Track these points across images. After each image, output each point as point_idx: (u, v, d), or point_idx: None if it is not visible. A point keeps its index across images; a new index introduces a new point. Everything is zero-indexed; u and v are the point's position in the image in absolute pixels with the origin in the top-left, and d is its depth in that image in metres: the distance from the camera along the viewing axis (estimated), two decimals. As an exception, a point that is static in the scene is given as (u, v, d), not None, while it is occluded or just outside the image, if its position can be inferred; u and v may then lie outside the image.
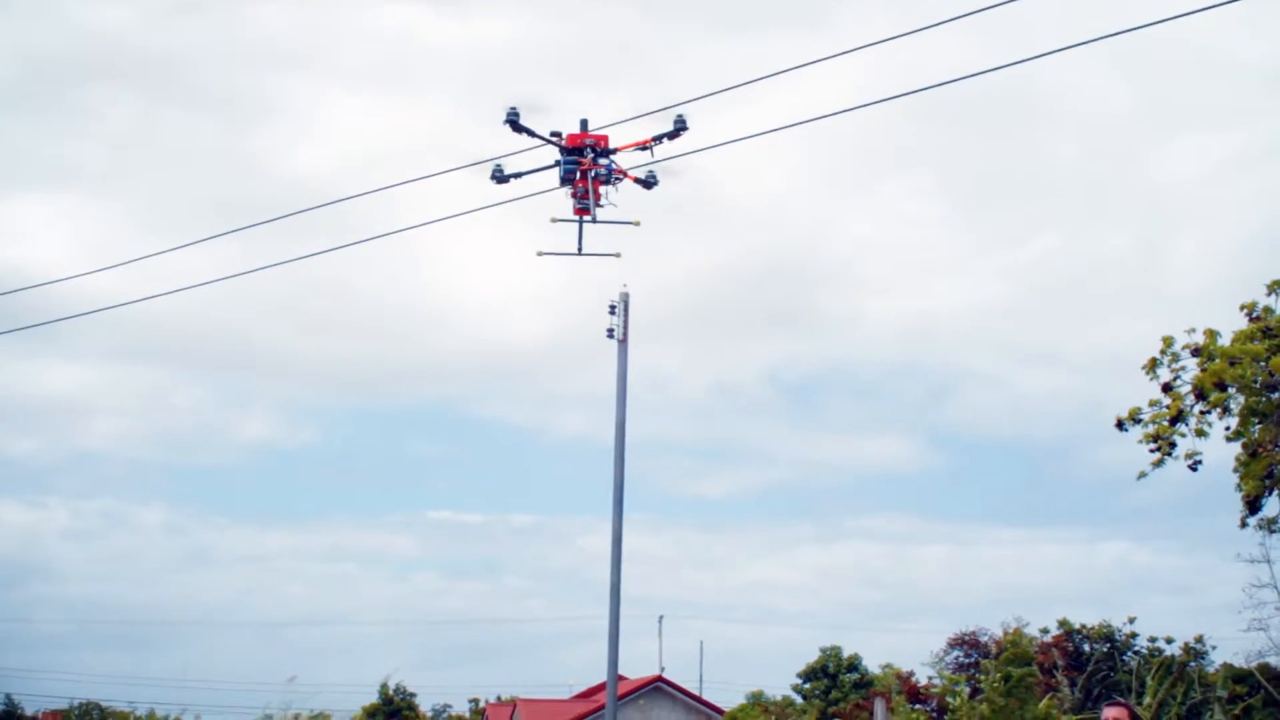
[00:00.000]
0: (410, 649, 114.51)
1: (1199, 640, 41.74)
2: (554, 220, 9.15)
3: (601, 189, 6.17)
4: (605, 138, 6.14)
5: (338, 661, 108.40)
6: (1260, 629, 45.35)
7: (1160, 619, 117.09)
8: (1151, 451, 16.90)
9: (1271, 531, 17.70)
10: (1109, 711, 10.18)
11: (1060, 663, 38.17)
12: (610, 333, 12.63)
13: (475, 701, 63.18)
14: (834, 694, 46.85)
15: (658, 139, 6.27)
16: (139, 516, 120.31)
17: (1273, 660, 40.37)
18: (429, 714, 65.80)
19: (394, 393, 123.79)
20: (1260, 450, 16.78)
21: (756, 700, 48.48)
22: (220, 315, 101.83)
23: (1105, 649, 42.80)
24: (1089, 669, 40.02)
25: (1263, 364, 16.05)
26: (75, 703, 64.23)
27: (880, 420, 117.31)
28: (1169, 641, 41.58)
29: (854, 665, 49.35)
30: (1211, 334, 16.95)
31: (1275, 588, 46.24)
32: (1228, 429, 17.24)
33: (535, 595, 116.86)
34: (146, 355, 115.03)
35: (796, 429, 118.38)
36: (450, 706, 71.10)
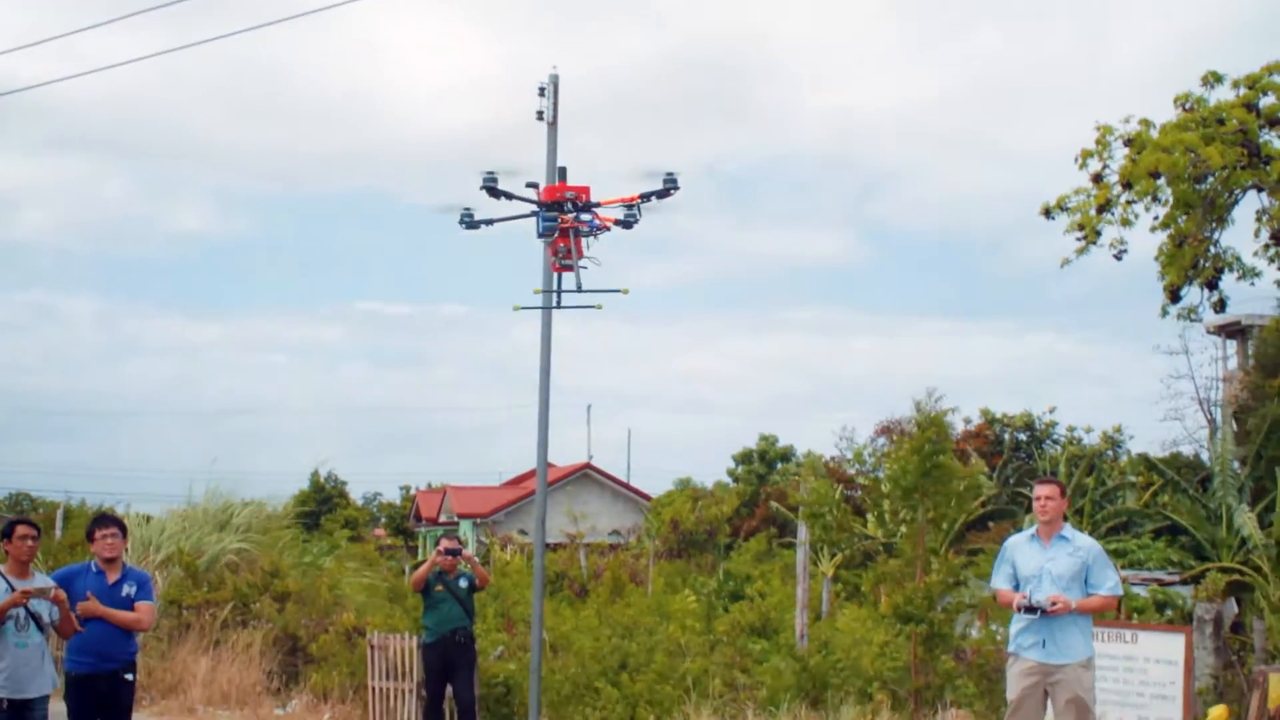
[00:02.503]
0: (340, 438, 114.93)
1: (1117, 430, 42.68)
2: (518, 308, 8.34)
3: (584, 244, 5.80)
4: (587, 190, 5.78)
5: (268, 451, 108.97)
6: (1176, 419, 46.22)
7: (1081, 409, 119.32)
8: (1077, 240, 16.98)
9: (1191, 321, 17.92)
10: (1041, 489, 10.32)
11: (976, 452, 38.99)
12: (540, 115, 12.34)
13: (406, 489, 63.77)
14: (772, 477, 47.71)
15: (645, 197, 5.85)
16: (68, 308, 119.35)
17: (1185, 449, 41.36)
18: (359, 501, 66.40)
19: (326, 182, 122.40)
20: (1186, 241, 16.90)
21: (684, 485, 49.23)
22: (151, 103, 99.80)
23: (1025, 438, 43.67)
24: (1007, 457, 40.91)
25: (1194, 155, 16.06)
26: (5, 493, 64.27)
27: (814, 214, 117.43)
28: (1088, 431, 42.49)
29: (787, 455, 50.15)
30: (1145, 124, 16.91)
31: (1192, 378, 47.09)
32: (1155, 219, 17.34)
33: (464, 386, 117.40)
34: (75, 145, 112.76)
35: (731, 221, 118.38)
36: (380, 494, 71.77)
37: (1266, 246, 16.93)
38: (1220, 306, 17.75)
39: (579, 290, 5.27)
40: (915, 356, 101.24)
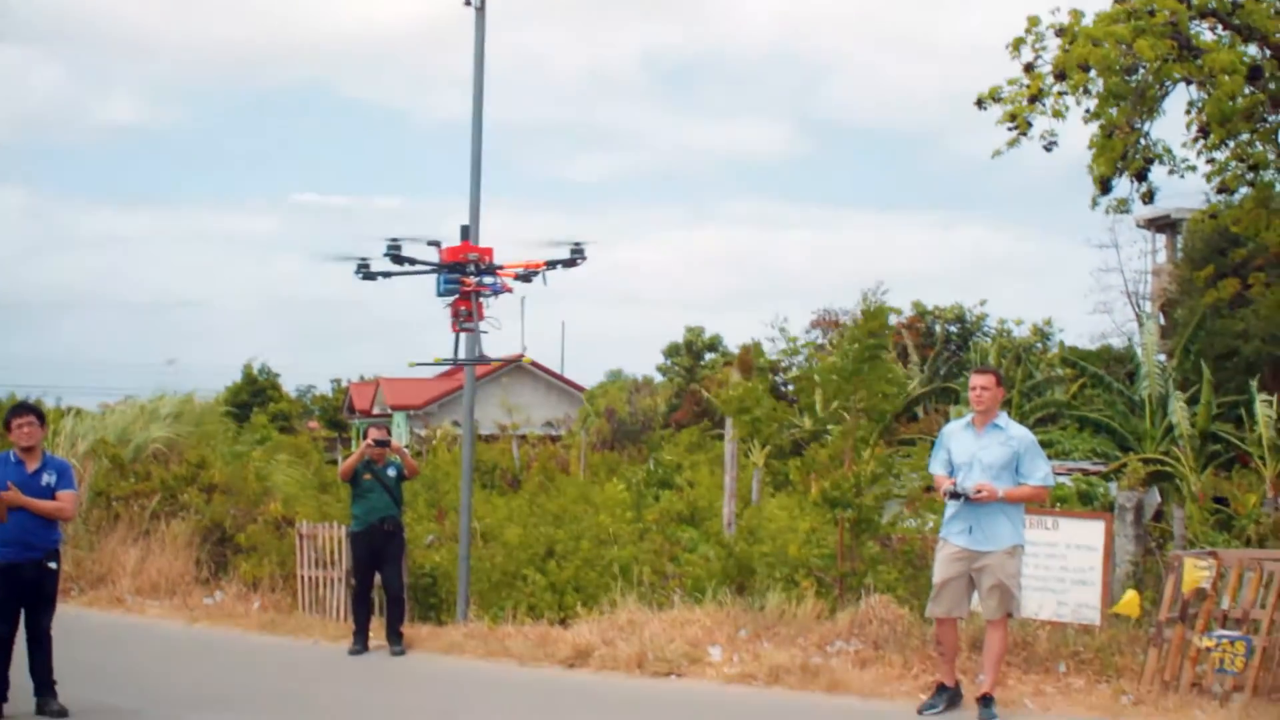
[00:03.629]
0: (273, 331, 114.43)
1: (1047, 323, 43.02)
2: (413, 364, 7.80)
3: (485, 305, 5.52)
4: (490, 251, 5.50)
5: (201, 344, 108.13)
6: (1104, 312, 46.69)
7: (1011, 303, 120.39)
8: (1009, 131, 16.92)
9: (1121, 213, 17.95)
10: (977, 378, 10.37)
11: (911, 344, 39.26)
12: (467, 0, 12.16)
13: (338, 381, 63.46)
14: (700, 370, 47.78)
15: (551, 265, 5.59)
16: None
17: (1114, 342, 41.83)
18: (293, 394, 66.05)
19: (261, 74, 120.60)
20: (1116, 132, 16.89)
21: (616, 378, 49.35)
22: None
23: (956, 330, 43.97)
24: (938, 349, 41.20)
25: (1126, 46, 16.00)
26: (-68, 387, 63.44)
27: (752, 107, 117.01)
28: (1018, 324, 42.79)
29: (715, 345, 50.24)
30: (1076, 15, 16.79)
31: (1121, 272, 47.42)
32: (1087, 111, 17.29)
33: (400, 280, 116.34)
34: (4, 35, 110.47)
35: (669, 114, 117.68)
36: (314, 387, 71.41)
37: (1195, 139, 16.93)
38: (1149, 198, 17.76)
39: (480, 359, 5.07)
40: (849, 250, 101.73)
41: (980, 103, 17.22)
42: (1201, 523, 18.67)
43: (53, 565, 10.34)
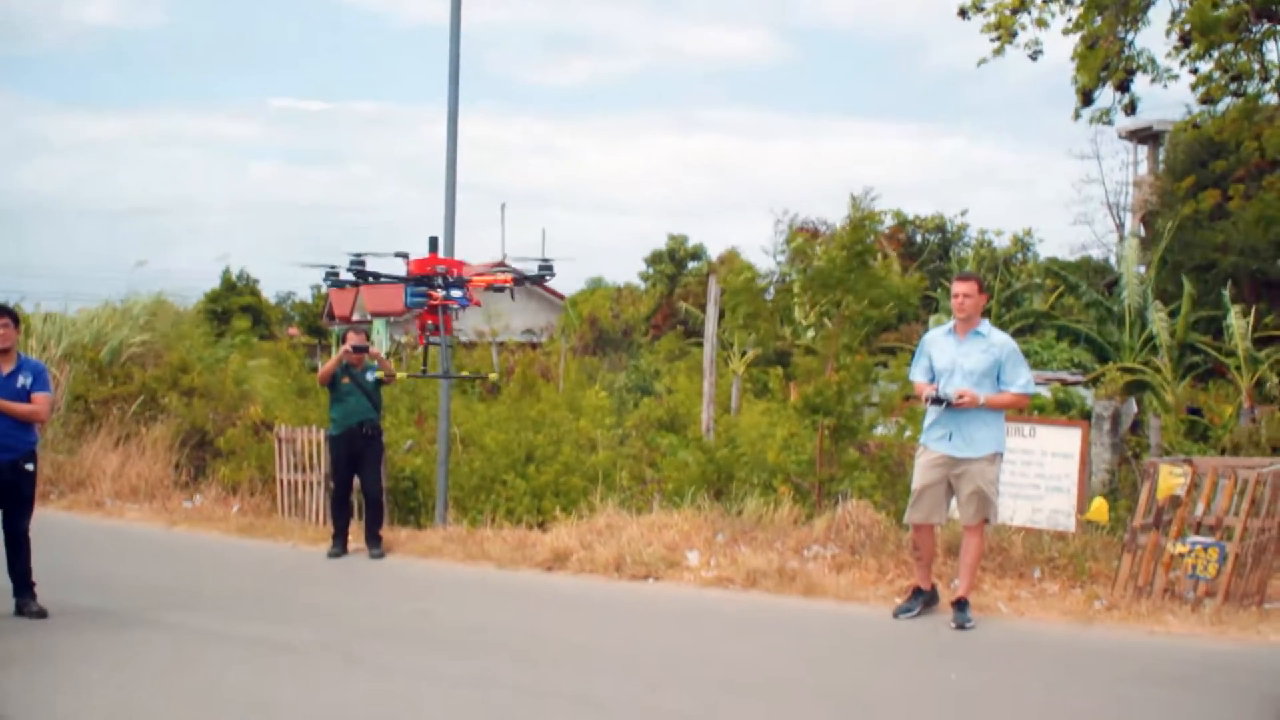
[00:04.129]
0: (253, 237, 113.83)
1: (1027, 233, 43.01)
2: (407, 375, 7.61)
3: (454, 320, 5.32)
4: (460, 264, 5.29)
5: (180, 250, 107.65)
6: (1085, 223, 46.54)
7: (992, 213, 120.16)
8: (992, 41, 16.78)
9: (1104, 124, 17.83)
10: (959, 285, 10.33)
11: (892, 253, 39.21)
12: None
13: (318, 287, 63.26)
14: (682, 278, 47.69)
15: (519, 280, 5.39)
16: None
17: (1094, 253, 41.86)
18: (272, 301, 65.91)
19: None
20: (1099, 42, 16.77)
21: (597, 285, 49.25)
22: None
23: (937, 240, 43.94)
24: (920, 258, 41.18)
25: (1108, -45, 15.90)
26: (-89, 293, 63.06)
27: (737, 11, 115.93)
28: (999, 234, 42.77)
29: (698, 254, 50.11)
30: (1061, -81, 16.68)
31: (1103, 183, 47.22)
32: (1069, 20, 17.15)
33: (380, 184, 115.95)
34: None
35: (652, 18, 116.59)
36: (294, 293, 71.28)
37: (1177, 48, 16.80)
38: (1131, 109, 17.64)
39: (445, 375, 4.92)
40: (831, 158, 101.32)
41: (964, 12, 17.08)
42: (1177, 433, 18.80)
43: (29, 467, 10.32)
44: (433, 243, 5.10)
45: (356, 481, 13.62)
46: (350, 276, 5.44)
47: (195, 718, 7.46)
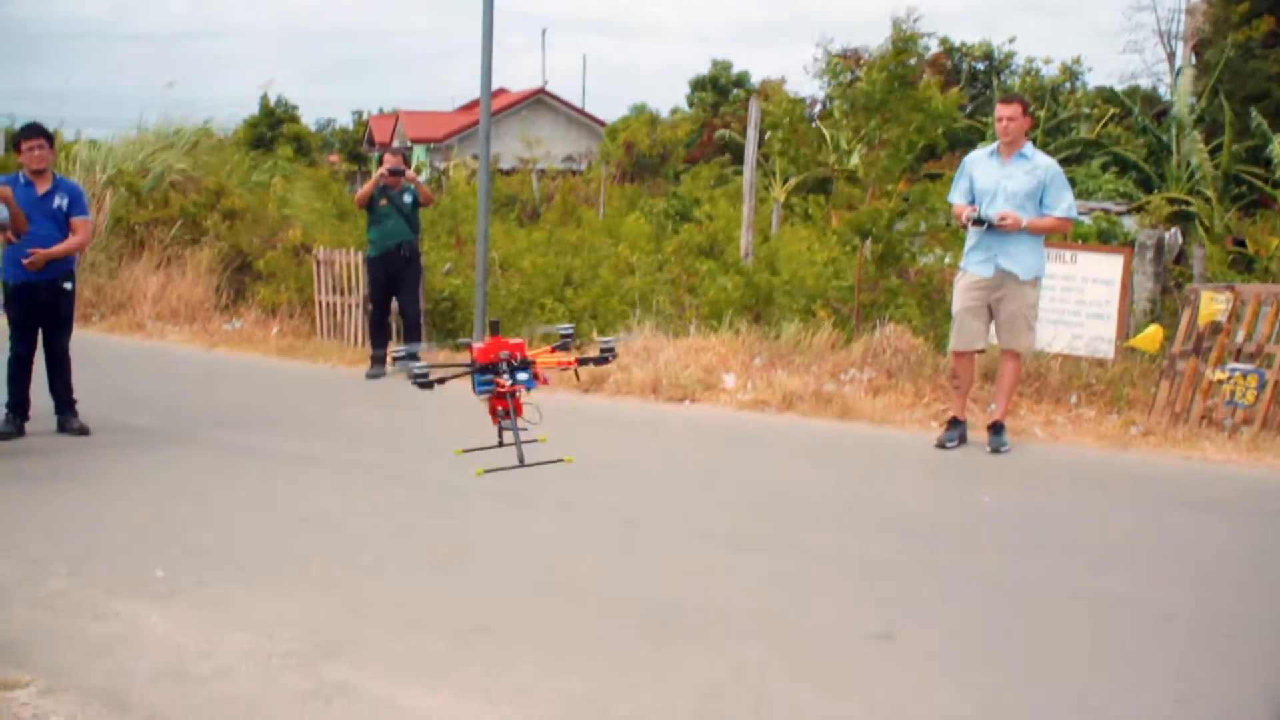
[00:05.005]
0: (293, 64, 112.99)
1: (1076, 62, 42.20)
2: (459, 452, 7.21)
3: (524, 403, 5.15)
4: (520, 346, 5.10)
5: (220, 76, 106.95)
6: (1135, 51, 45.58)
7: (1040, 41, 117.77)
8: None
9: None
10: (1003, 108, 10.12)
11: (936, 79, 38.53)
12: None
13: (358, 113, 62.95)
14: (723, 107, 47.15)
15: (583, 362, 5.20)
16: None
17: (1143, 82, 41.08)
18: (312, 128, 65.59)
19: None
20: None
21: (640, 112, 48.75)
22: None
23: (983, 68, 43.20)
24: (964, 86, 40.51)
25: None
26: (-47, 118, 62.87)
27: None
28: (1046, 63, 41.98)
29: (741, 81, 49.48)
30: None
31: (1154, 9, 46.15)
32: None
33: (420, 10, 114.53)
34: None
35: None
36: (334, 120, 70.90)
37: None
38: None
39: (520, 465, 4.87)
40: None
41: None
42: (1221, 263, 18.59)
43: (68, 286, 10.36)
44: (494, 327, 5.06)
45: (394, 305, 13.66)
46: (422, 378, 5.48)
47: (240, 529, 7.56)
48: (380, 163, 13.50)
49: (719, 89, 49.22)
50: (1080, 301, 12.37)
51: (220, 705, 5.00)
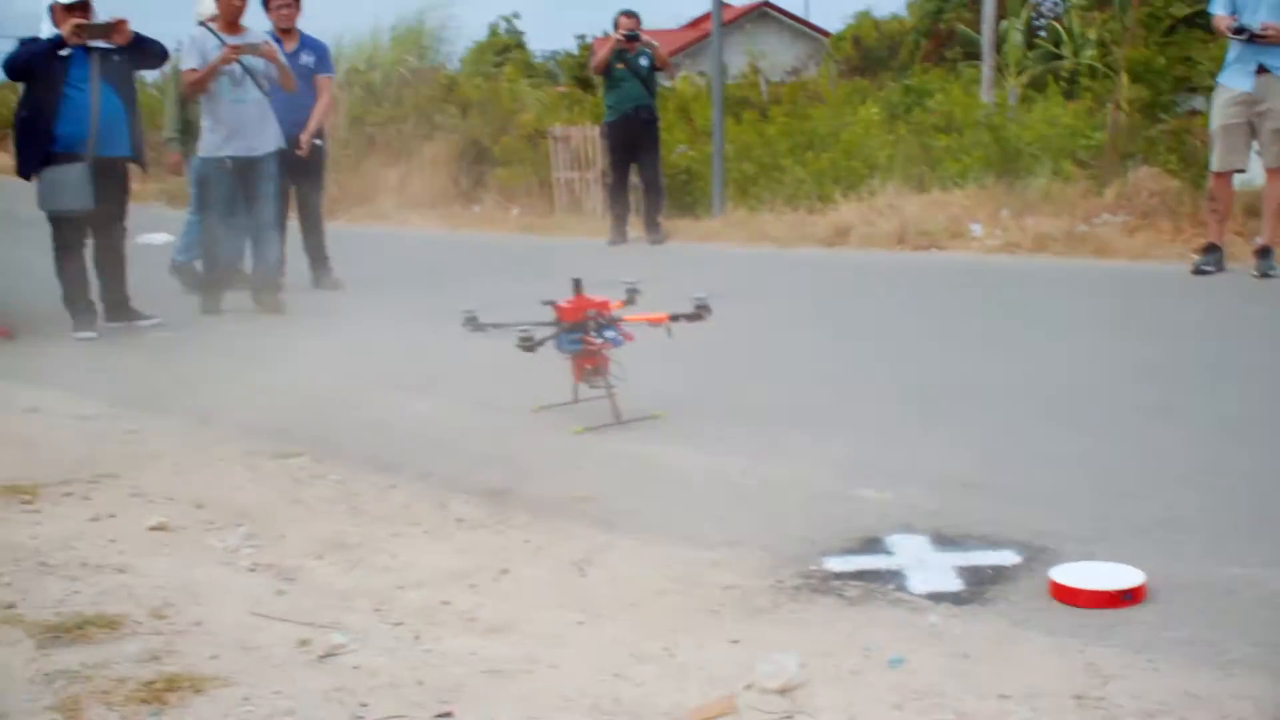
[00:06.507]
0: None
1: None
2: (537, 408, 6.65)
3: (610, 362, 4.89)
4: (606, 303, 4.87)
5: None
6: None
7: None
8: None
9: None
10: None
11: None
12: None
13: (582, 37, 63.00)
14: (945, 14, 45.96)
15: (675, 317, 4.95)
16: None
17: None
18: (537, 56, 65.95)
19: None
20: None
21: (864, 19, 47.81)
22: None
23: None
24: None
25: None
26: None
27: None
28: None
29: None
30: None
31: None
32: None
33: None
34: None
35: None
36: (558, 52, 71.13)
37: None
38: None
39: (618, 421, 4.69)
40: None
41: None
42: None
43: (318, 142, 10.53)
44: (577, 284, 4.89)
45: (633, 176, 13.60)
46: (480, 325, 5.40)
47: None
48: (616, 26, 13.39)
49: (939, -9, 47.88)
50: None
51: (488, 465, 5.00)
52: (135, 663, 3.07)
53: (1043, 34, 32.81)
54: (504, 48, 56.60)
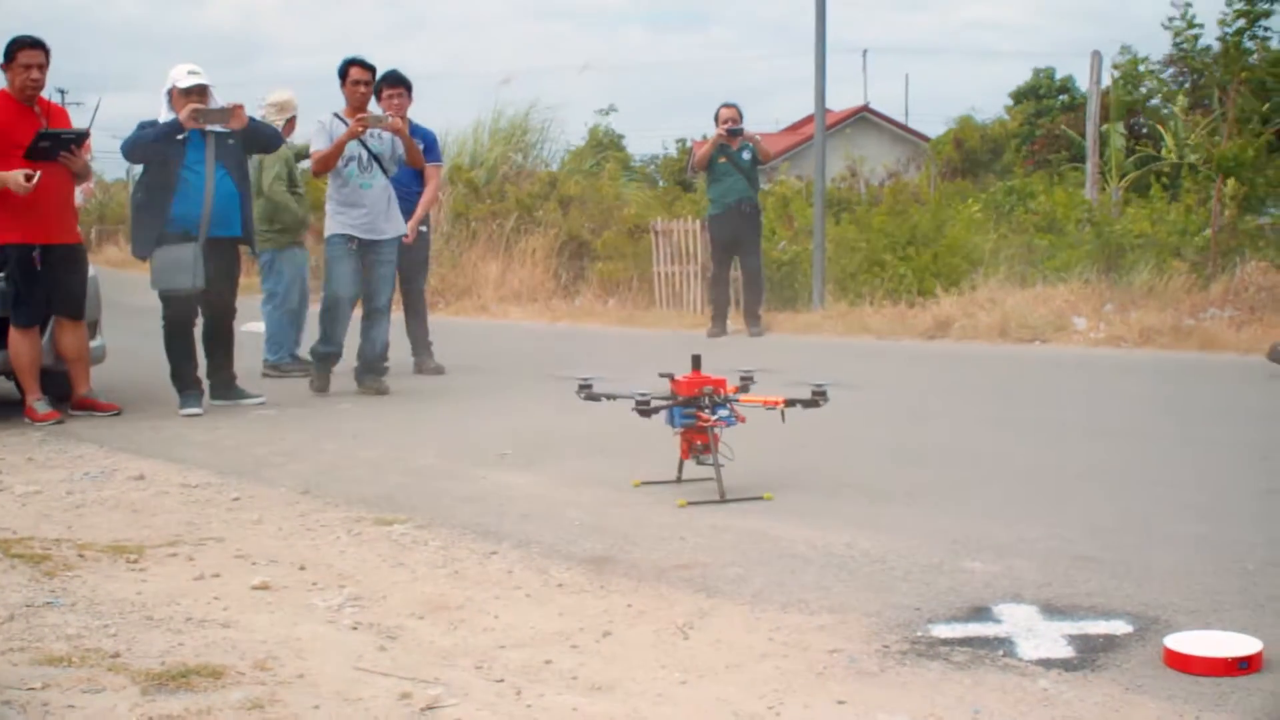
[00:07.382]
0: (619, 100, 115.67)
1: None
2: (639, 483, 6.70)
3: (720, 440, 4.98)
4: (723, 381, 4.99)
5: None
6: None
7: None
8: None
9: None
10: None
11: None
12: None
13: (682, 141, 63.55)
14: (1042, 119, 45.91)
15: (790, 403, 5.05)
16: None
17: None
18: (636, 161, 66.57)
19: None
20: None
21: (965, 122, 47.84)
22: None
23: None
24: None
25: None
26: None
27: None
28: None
29: (1065, 87, 48.00)
30: None
31: None
32: None
33: (744, 45, 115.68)
34: None
35: None
36: (658, 156, 71.84)
37: None
38: None
39: (722, 500, 4.73)
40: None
41: None
42: None
43: (423, 229, 10.66)
44: (695, 361, 4.92)
45: (734, 270, 13.64)
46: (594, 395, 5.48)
47: (545, 439, 7.60)
48: (717, 119, 13.47)
49: (1039, 97, 47.79)
50: None
51: (590, 534, 4.99)
52: (238, 710, 3.07)
53: (1145, 136, 32.69)
54: (603, 146, 57.41)
